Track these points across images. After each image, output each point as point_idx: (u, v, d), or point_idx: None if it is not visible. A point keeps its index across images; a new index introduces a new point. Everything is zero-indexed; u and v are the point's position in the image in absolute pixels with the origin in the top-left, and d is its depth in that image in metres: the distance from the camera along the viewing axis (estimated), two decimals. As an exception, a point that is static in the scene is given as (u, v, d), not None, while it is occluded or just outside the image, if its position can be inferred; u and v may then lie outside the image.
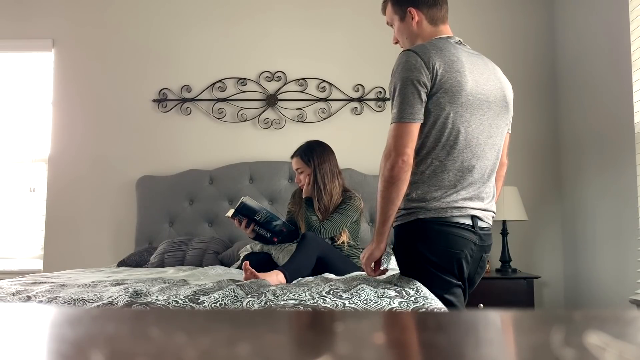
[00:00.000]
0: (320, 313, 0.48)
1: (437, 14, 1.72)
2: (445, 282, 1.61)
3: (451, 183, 1.59)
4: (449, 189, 1.59)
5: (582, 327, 0.36)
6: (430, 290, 1.54)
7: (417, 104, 1.55)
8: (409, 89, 1.54)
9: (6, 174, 3.62)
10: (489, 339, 0.36)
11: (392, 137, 1.56)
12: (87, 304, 1.43)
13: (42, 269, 3.48)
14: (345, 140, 3.39)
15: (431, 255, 1.58)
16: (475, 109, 1.61)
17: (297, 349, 0.33)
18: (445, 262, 1.59)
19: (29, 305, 1.22)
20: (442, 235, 1.57)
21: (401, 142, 1.54)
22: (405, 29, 1.74)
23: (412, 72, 1.54)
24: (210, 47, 3.58)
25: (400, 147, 1.54)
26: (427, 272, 1.60)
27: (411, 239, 1.61)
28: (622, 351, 0.29)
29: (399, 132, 1.55)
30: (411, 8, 1.71)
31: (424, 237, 1.58)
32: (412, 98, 1.54)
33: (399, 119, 1.55)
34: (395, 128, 1.56)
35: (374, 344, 0.33)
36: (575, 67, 3.18)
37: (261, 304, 1.39)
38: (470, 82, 1.60)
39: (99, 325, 0.39)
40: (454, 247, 1.58)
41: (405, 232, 1.62)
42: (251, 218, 2.31)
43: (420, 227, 1.58)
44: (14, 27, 3.64)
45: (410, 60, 1.55)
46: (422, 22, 1.72)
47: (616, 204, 2.73)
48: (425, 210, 1.58)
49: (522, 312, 0.42)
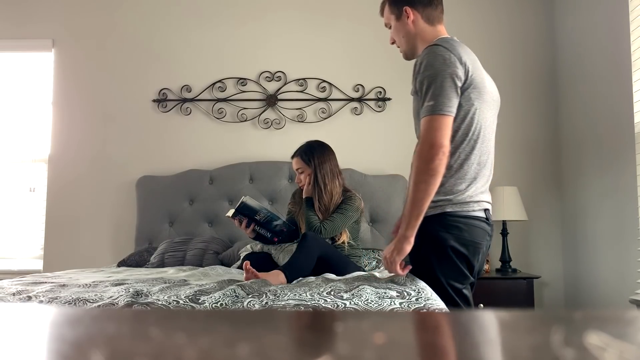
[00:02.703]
0: (320, 313, 0.48)
1: (433, 14, 1.76)
2: (466, 277, 1.65)
3: (472, 177, 1.64)
4: (471, 182, 1.64)
5: (582, 327, 0.36)
6: (452, 283, 1.60)
7: (453, 98, 1.58)
8: (447, 82, 1.56)
9: (6, 174, 3.62)
10: (489, 339, 0.36)
11: (432, 130, 1.55)
12: (88, 304, 1.43)
13: (42, 269, 3.48)
14: (345, 140, 3.39)
15: (460, 247, 1.61)
16: (489, 105, 1.68)
17: (298, 350, 0.33)
18: (471, 254, 1.63)
19: (30, 305, 1.22)
20: (469, 227, 1.62)
21: (440, 134, 1.54)
22: (402, 27, 1.77)
23: (448, 66, 1.57)
24: (210, 47, 3.58)
25: (440, 139, 1.54)
26: (453, 265, 1.62)
27: (441, 231, 1.62)
28: (622, 351, 0.29)
29: (439, 124, 1.55)
30: (407, 7, 1.75)
31: (453, 229, 1.61)
32: (449, 91, 1.56)
33: (438, 111, 1.55)
34: (435, 120, 1.55)
35: (374, 344, 0.33)
36: (575, 67, 3.18)
37: (262, 304, 1.39)
38: (487, 79, 1.68)
39: (99, 326, 0.39)
40: (477, 239, 1.64)
41: (433, 225, 1.62)
42: (251, 218, 2.31)
43: (448, 219, 1.61)
44: (14, 27, 3.64)
45: (444, 54, 1.58)
46: (418, 21, 1.75)
47: (616, 204, 2.73)
48: (452, 203, 1.61)
49: (522, 312, 0.42)
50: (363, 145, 3.45)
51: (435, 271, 1.63)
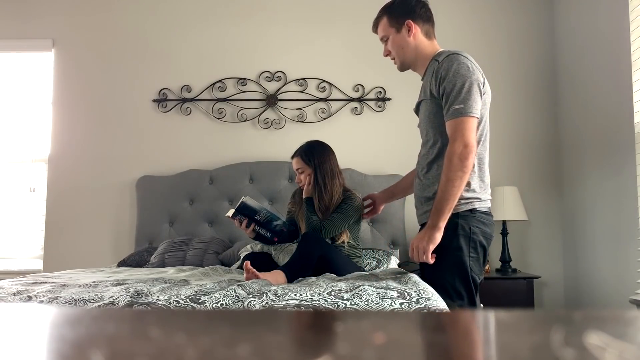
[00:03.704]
0: (321, 313, 0.48)
1: (430, 30, 1.92)
2: (482, 271, 1.81)
3: (485, 176, 1.81)
4: (485, 181, 1.81)
5: (582, 327, 0.36)
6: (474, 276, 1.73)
7: (479, 102, 1.74)
8: (474, 87, 1.71)
9: (6, 174, 3.62)
10: (489, 339, 0.36)
11: (464, 130, 1.68)
12: (88, 304, 1.43)
13: (42, 269, 3.48)
14: (345, 140, 3.39)
15: (484, 241, 1.77)
16: (488, 109, 1.84)
17: (298, 350, 0.33)
18: (488, 247, 1.81)
19: (30, 305, 1.22)
20: (490, 222, 1.80)
21: (472, 134, 1.70)
22: (402, 40, 1.90)
23: (473, 73, 1.73)
24: (210, 47, 3.58)
25: (473, 140, 1.69)
26: (477, 259, 1.77)
27: (472, 226, 1.75)
28: (622, 351, 0.29)
29: (470, 126, 1.70)
30: (409, 20, 1.88)
31: (480, 224, 1.76)
32: (476, 96, 1.71)
33: (468, 113, 1.69)
34: (466, 121, 1.69)
35: (374, 344, 0.33)
36: (575, 67, 3.18)
37: (262, 304, 1.39)
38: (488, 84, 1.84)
39: (99, 326, 0.39)
40: (493, 232, 1.83)
41: (465, 220, 1.75)
42: (251, 218, 2.31)
43: (477, 215, 1.76)
44: (14, 27, 3.64)
45: (467, 63, 1.74)
46: (417, 34, 1.89)
47: (616, 204, 2.73)
48: (480, 200, 1.76)
49: (522, 312, 0.42)
50: (363, 145, 3.45)
51: (465, 263, 1.74)
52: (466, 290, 1.72)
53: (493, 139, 3.40)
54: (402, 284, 1.61)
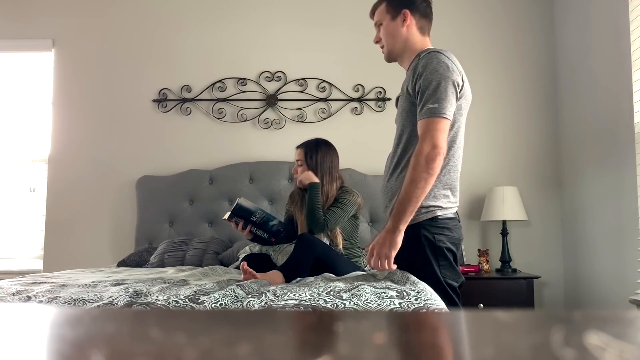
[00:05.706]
0: (320, 313, 0.48)
1: (426, 26, 1.84)
2: (459, 275, 1.75)
3: (453, 183, 1.73)
4: (452, 188, 1.73)
5: (582, 327, 0.36)
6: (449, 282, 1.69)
7: (454, 104, 1.64)
8: (450, 88, 1.62)
9: (6, 174, 3.62)
10: (489, 339, 0.36)
11: (434, 131, 1.60)
12: (88, 304, 1.43)
13: (42, 269, 3.48)
14: (345, 140, 3.39)
15: (452, 247, 1.71)
16: (466, 113, 1.76)
17: (298, 350, 0.33)
18: (458, 252, 1.75)
19: (29, 305, 1.22)
20: (456, 227, 1.74)
21: (442, 136, 1.61)
22: (394, 28, 1.82)
23: (452, 73, 1.63)
24: (210, 47, 3.58)
25: (442, 142, 1.60)
26: (449, 264, 1.71)
27: (436, 234, 1.69)
28: (622, 351, 0.29)
29: (441, 127, 1.61)
30: (406, 10, 1.80)
31: (445, 230, 1.70)
32: (452, 97, 1.62)
33: (441, 114, 1.60)
34: (438, 122, 1.60)
35: (374, 344, 0.33)
36: (576, 67, 3.18)
37: (261, 304, 1.39)
38: (469, 87, 1.75)
39: (99, 326, 0.39)
40: (461, 237, 1.77)
41: (427, 229, 1.69)
42: (247, 219, 2.30)
43: (440, 222, 1.69)
44: (14, 27, 3.64)
45: (447, 62, 1.65)
46: (412, 27, 1.81)
47: (616, 204, 2.73)
48: (441, 209, 1.69)
49: (522, 312, 0.42)
50: (363, 145, 3.45)
51: (436, 274, 1.68)
52: (445, 298, 1.64)
53: (493, 139, 3.42)
54: (401, 283, 1.61)
